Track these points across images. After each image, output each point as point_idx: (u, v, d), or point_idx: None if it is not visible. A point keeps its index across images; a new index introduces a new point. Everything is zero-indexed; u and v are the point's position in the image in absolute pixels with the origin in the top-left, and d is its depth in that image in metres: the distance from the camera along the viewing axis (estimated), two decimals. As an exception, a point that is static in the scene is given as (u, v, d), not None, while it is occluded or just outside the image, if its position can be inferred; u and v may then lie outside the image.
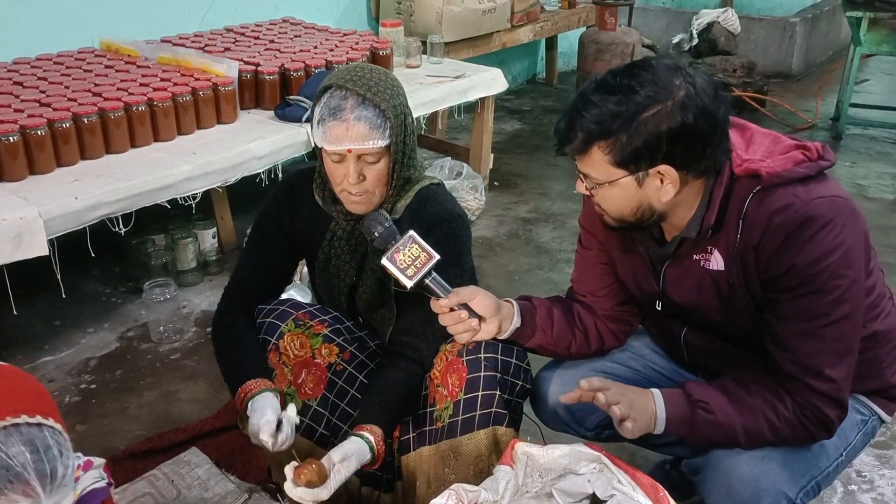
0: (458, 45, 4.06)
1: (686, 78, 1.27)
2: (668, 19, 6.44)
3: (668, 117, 1.25)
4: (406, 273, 1.43)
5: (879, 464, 2.08)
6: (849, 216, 1.31)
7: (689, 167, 1.30)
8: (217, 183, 2.51)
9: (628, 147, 1.27)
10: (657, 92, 1.25)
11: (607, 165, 1.30)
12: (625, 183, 1.32)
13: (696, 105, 1.25)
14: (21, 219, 2.04)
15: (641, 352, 1.70)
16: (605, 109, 1.26)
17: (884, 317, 1.47)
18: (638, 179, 1.31)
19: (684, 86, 1.26)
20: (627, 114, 1.25)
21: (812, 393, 1.32)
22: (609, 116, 1.26)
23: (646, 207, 1.36)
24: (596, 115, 1.27)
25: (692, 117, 1.25)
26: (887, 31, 4.35)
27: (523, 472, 1.32)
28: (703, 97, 1.26)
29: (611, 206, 1.38)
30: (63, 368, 2.44)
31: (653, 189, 1.32)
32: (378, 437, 1.50)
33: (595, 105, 1.27)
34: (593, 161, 1.31)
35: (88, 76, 2.69)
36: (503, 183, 3.96)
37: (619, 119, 1.25)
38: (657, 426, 1.38)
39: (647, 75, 1.26)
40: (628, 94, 1.25)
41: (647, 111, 1.25)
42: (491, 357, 1.54)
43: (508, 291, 2.86)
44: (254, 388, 1.54)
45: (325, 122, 1.50)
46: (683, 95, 1.25)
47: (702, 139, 1.27)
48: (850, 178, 4.08)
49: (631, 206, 1.36)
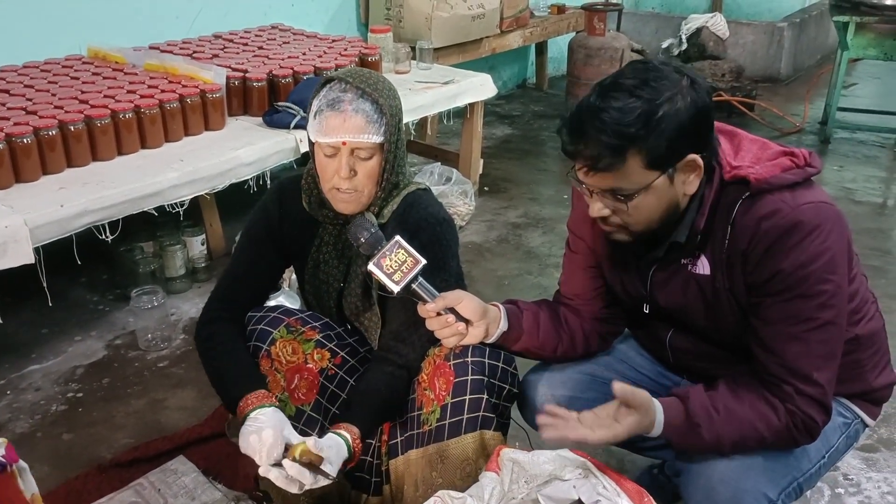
0: (447, 51, 4.07)
1: (679, 70, 1.32)
2: (657, 24, 6.47)
3: (684, 104, 1.27)
4: (393, 278, 1.43)
5: (866, 467, 2.09)
6: (835, 222, 1.32)
7: (706, 152, 1.33)
8: (205, 190, 2.51)
9: (660, 145, 1.27)
10: (669, 85, 1.28)
11: (641, 170, 1.29)
12: (659, 184, 1.31)
13: (700, 86, 1.30)
14: (6, 227, 2.03)
15: (627, 355, 1.70)
16: (628, 112, 1.26)
17: (866, 321, 1.48)
18: (669, 177, 1.31)
19: (683, 75, 1.30)
20: (650, 111, 1.26)
21: (801, 397, 1.32)
22: (635, 119, 1.26)
23: (673, 207, 1.36)
24: (622, 122, 1.26)
25: (704, 95, 1.30)
26: (874, 36, 4.38)
27: (509, 479, 1.32)
28: (702, 83, 1.32)
29: (643, 215, 1.35)
30: (50, 377, 2.42)
31: (679, 184, 1.33)
32: (355, 435, 1.50)
33: (619, 111, 1.26)
34: (629, 170, 1.29)
35: (75, 83, 2.68)
36: (493, 188, 3.97)
37: (643, 118, 1.26)
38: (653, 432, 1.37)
39: (653, 73, 1.29)
40: (648, 92, 1.27)
41: (667, 105, 1.26)
42: (478, 361, 1.53)
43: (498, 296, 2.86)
44: (253, 402, 1.52)
45: (322, 113, 1.51)
46: (688, 84, 1.29)
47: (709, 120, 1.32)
48: (838, 181, 4.10)
49: (662, 208, 1.35)
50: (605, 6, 5.20)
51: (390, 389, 1.59)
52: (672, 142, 1.27)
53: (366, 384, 1.60)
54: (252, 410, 1.49)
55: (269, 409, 1.49)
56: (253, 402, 1.51)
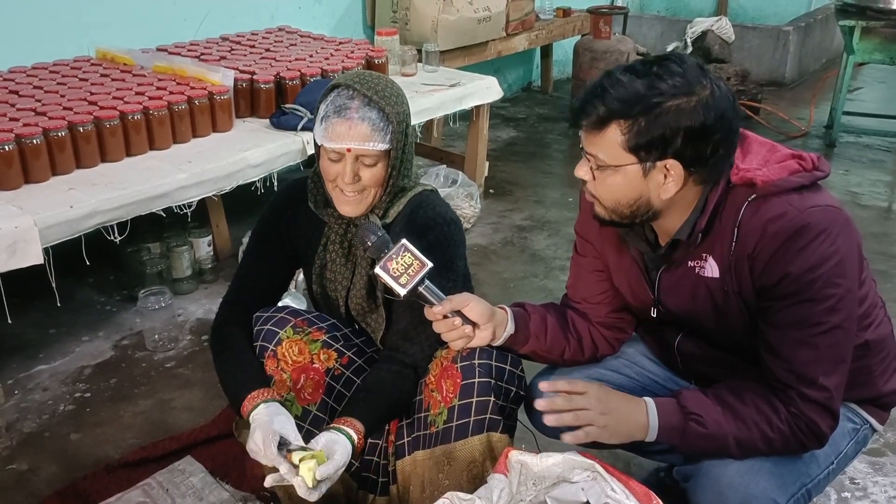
0: (453, 54, 4.08)
1: (713, 80, 1.29)
2: (662, 27, 6.47)
3: (690, 113, 1.26)
4: (399, 281, 1.44)
5: (873, 471, 2.09)
6: (843, 226, 1.32)
7: (694, 168, 1.31)
8: (212, 191, 2.52)
9: (646, 133, 1.27)
10: (684, 85, 1.26)
11: (619, 148, 1.30)
12: (631, 170, 1.32)
13: (717, 108, 1.27)
14: (16, 228, 2.04)
15: (635, 359, 1.70)
16: (632, 89, 1.27)
17: (875, 326, 1.48)
18: (644, 169, 1.31)
19: (709, 86, 1.28)
20: (652, 98, 1.26)
21: (806, 402, 1.32)
22: (634, 97, 1.26)
23: (643, 202, 1.35)
24: (621, 94, 1.27)
25: (712, 118, 1.26)
26: (880, 40, 4.38)
27: (517, 481, 1.32)
28: (724, 103, 1.28)
29: (610, 192, 1.36)
30: (57, 377, 2.43)
31: (655, 183, 1.33)
32: (358, 430, 1.51)
33: (622, 84, 1.28)
34: (606, 140, 1.31)
35: (84, 85, 2.69)
36: (498, 190, 3.98)
37: (643, 102, 1.26)
38: (649, 434, 1.38)
39: (677, 68, 1.28)
40: (656, 81, 1.27)
41: (671, 101, 1.26)
42: (485, 363, 1.54)
43: (503, 299, 2.86)
44: (258, 397, 1.53)
45: (329, 119, 1.52)
46: (708, 95, 1.27)
47: (714, 143, 1.28)
48: (844, 185, 4.10)
49: (630, 196, 1.35)
50: (611, 9, 5.21)
51: (396, 387, 1.60)
52: (656, 138, 1.27)
53: (372, 381, 1.61)
54: (250, 413, 1.51)
55: (260, 407, 1.51)
56: (251, 403, 1.52)
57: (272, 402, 1.53)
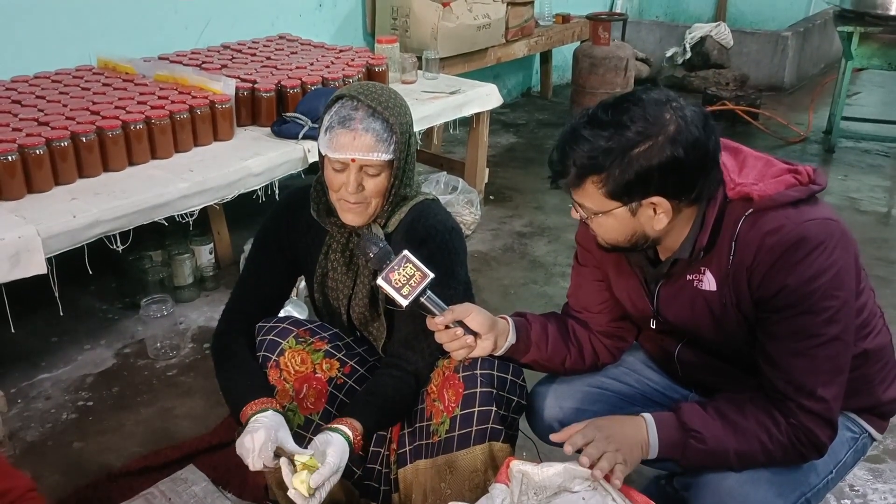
0: (453, 61, 4.09)
1: (676, 111, 1.28)
2: (661, 33, 6.49)
3: (660, 152, 1.26)
4: (401, 292, 1.45)
5: (872, 478, 2.09)
6: (840, 238, 1.33)
7: (681, 197, 1.32)
8: (214, 200, 2.53)
9: (621, 181, 1.28)
10: (648, 127, 1.27)
11: (601, 197, 1.32)
12: (619, 213, 1.34)
13: (687, 139, 1.27)
14: (19, 237, 2.05)
15: (636, 367, 1.71)
16: (597, 145, 1.28)
17: (874, 335, 1.49)
18: (631, 210, 1.33)
19: (674, 119, 1.27)
20: (619, 149, 1.27)
21: (805, 414, 1.33)
22: (601, 152, 1.28)
23: (640, 235, 1.38)
24: (588, 151, 1.28)
25: (683, 151, 1.26)
26: (878, 46, 4.39)
27: (518, 490, 1.33)
28: (693, 129, 1.28)
29: (606, 233, 1.40)
30: (60, 385, 2.44)
31: (646, 218, 1.34)
32: (355, 429, 1.51)
33: (587, 140, 1.29)
34: (587, 193, 1.33)
35: (86, 94, 2.70)
36: (498, 197, 3.99)
37: (611, 155, 1.27)
38: (650, 452, 1.39)
39: (638, 110, 1.28)
40: (619, 130, 1.27)
41: (639, 147, 1.27)
42: (487, 373, 1.55)
43: (503, 306, 2.89)
44: (254, 407, 1.54)
45: (333, 130, 1.53)
46: (674, 130, 1.27)
47: (692, 171, 1.29)
48: (843, 191, 4.11)
49: (625, 233, 1.38)
50: (610, 16, 5.23)
51: (397, 391, 1.61)
52: (633, 183, 1.28)
53: (372, 385, 1.62)
54: (252, 415, 1.52)
55: (269, 412, 1.52)
56: (253, 408, 1.53)
57: (276, 412, 1.54)
